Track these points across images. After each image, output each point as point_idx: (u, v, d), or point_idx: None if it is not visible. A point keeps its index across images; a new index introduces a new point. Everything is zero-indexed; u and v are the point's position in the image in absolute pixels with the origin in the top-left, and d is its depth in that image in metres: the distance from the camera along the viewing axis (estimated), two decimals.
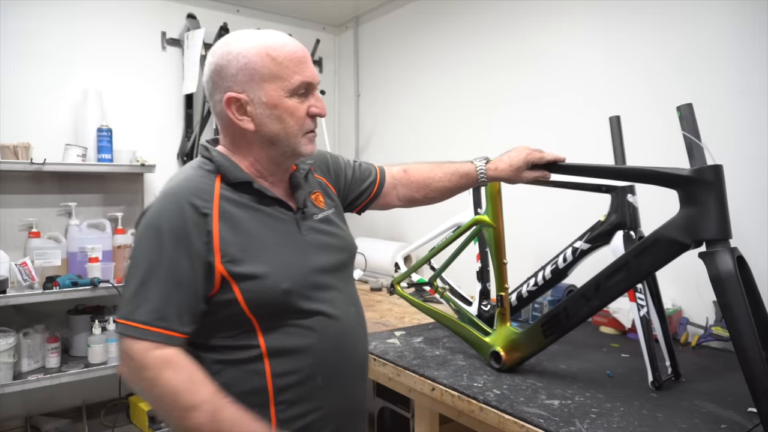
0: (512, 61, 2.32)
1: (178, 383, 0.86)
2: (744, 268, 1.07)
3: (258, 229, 0.97)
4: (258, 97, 0.96)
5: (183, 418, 0.86)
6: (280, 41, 0.98)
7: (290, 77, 0.96)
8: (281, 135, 0.98)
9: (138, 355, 0.87)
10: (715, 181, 1.05)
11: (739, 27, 1.64)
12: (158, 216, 0.92)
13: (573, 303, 1.28)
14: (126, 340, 0.89)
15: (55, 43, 2.53)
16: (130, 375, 0.90)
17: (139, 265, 0.91)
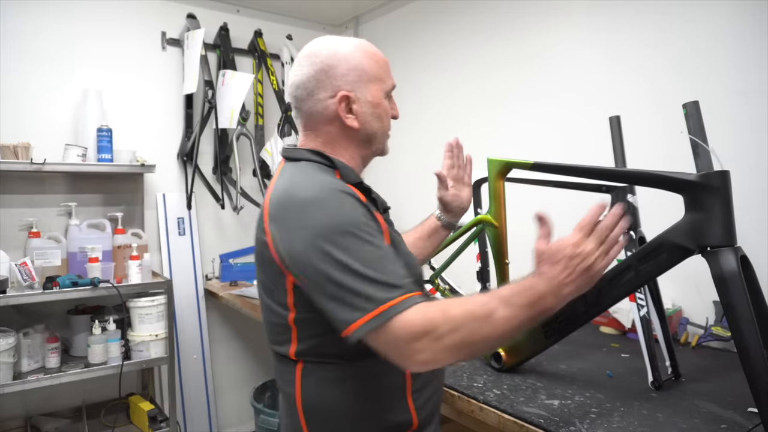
0: (511, 61, 2.32)
1: (460, 305, 0.84)
2: (747, 267, 1.07)
3: (390, 230, 1.02)
4: (364, 96, 1.02)
5: (492, 324, 0.83)
6: (371, 46, 1.07)
7: (386, 80, 1.06)
8: (378, 133, 1.06)
9: (421, 324, 0.81)
10: (722, 186, 1.04)
11: (739, 27, 1.64)
12: (343, 213, 0.88)
13: (574, 305, 1.28)
14: (395, 326, 0.80)
15: (55, 42, 2.53)
16: (435, 353, 0.81)
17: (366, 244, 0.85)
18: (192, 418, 2.83)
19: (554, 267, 0.90)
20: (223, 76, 2.77)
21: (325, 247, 0.84)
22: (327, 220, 0.86)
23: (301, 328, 0.96)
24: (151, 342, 2.33)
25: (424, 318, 0.81)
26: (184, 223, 2.91)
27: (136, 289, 2.33)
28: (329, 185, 0.92)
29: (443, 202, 1.31)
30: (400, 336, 0.81)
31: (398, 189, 2.94)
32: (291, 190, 0.93)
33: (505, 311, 0.84)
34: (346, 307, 0.83)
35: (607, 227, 0.91)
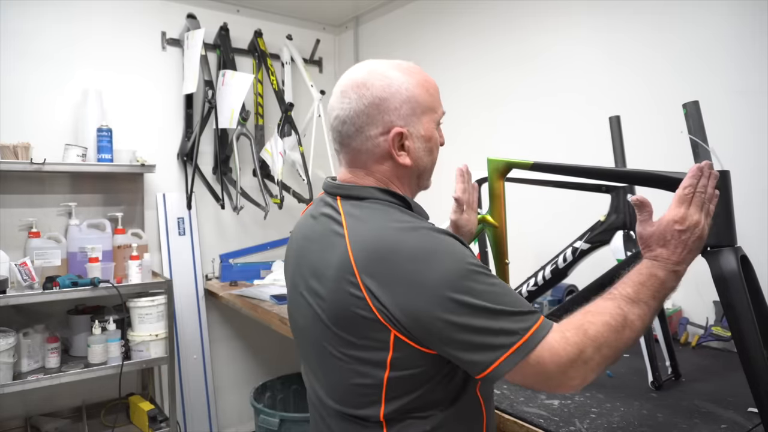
0: (511, 61, 2.33)
1: (594, 316, 0.83)
2: (747, 267, 1.07)
3: None
4: (417, 131, 0.94)
5: (630, 328, 0.83)
6: (421, 73, 0.97)
7: (437, 109, 0.97)
8: (428, 168, 1.00)
9: (565, 349, 0.79)
10: (722, 186, 1.04)
11: (739, 27, 1.64)
12: (457, 261, 0.83)
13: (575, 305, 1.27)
14: (539, 357, 0.78)
15: (55, 42, 2.53)
16: (586, 371, 0.80)
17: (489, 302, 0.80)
18: (192, 418, 2.83)
19: (667, 248, 0.89)
20: (223, 76, 2.77)
21: (453, 296, 0.79)
22: (446, 269, 0.81)
23: (395, 386, 0.87)
24: (151, 342, 2.33)
25: (568, 344, 0.79)
26: (184, 223, 2.91)
27: (136, 289, 2.33)
28: (428, 229, 0.86)
29: (456, 225, 1.27)
30: (549, 367, 0.79)
31: None
32: (389, 241, 0.85)
33: (637, 310, 0.84)
34: (487, 348, 0.79)
35: (703, 190, 0.91)
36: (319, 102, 2.87)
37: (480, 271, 0.82)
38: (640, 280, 0.88)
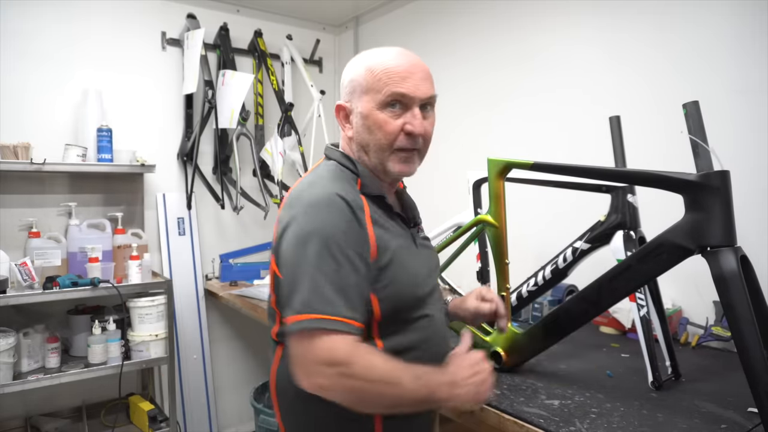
0: (511, 61, 2.33)
1: (384, 363, 0.89)
2: (747, 267, 1.07)
3: (393, 240, 1.02)
4: (356, 108, 1.03)
5: (396, 392, 0.88)
6: (387, 56, 1.03)
7: (381, 90, 0.99)
8: (371, 146, 1.03)
9: (345, 357, 0.86)
10: (722, 186, 1.04)
11: (739, 27, 1.64)
12: (323, 222, 0.93)
13: (575, 305, 1.28)
14: (323, 341, 0.86)
15: (55, 42, 2.53)
16: (335, 382, 0.87)
17: (319, 266, 0.89)
18: (192, 418, 2.83)
19: (459, 368, 0.96)
20: (223, 76, 2.77)
21: (300, 247, 0.92)
22: (311, 225, 0.92)
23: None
24: (151, 342, 2.33)
25: (348, 351, 0.86)
26: (184, 223, 2.91)
27: (136, 289, 2.33)
28: (330, 193, 0.95)
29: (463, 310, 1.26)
30: (317, 353, 0.86)
31: None
32: (305, 190, 1.00)
33: (411, 385, 0.89)
34: (290, 302, 0.90)
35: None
36: (319, 102, 2.87)
37: (330, 250, 0.90)
38: (429, 370, 0.93)
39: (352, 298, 0.90)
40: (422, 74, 1.03)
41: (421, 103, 1.02)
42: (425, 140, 1.05)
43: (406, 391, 0.88)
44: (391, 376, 0.88)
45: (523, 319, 1.96)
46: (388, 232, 1.02)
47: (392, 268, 0.98)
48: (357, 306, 0.91)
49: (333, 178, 1.02)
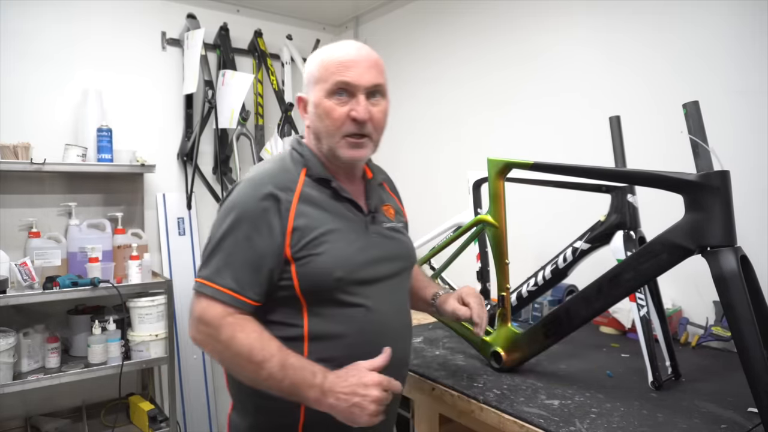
0: (512, 61, 2.32)
1: (252, 341, 0.96)
2: (747, 267, 1.07)
3: (328, 222, 1.05)
4: (311, 98, 1.10)
5: (257, 371, 0.96)
6: (336, 48, 1.09)
7: (328, 79, 1.05)
8: (322, 133, 1.08)
9: (214, 321, 0.98)
10: (722, 186, 1.04)
11: (738, 27, 1.64)
12: (243, 198, 1.03)
13: (574, 305, 1.28)
14: (202, 303, 1.00)
15: (55, 42, 2.53)
16: (204, 339, 1.00)
17: (225, 237, 1.01)
18: (192, 418, 2.83)
19: (341, 380, 0.96)
20: (223, 76, 2.76)
21: (220, 218, 1.04)
22: (235, 200, 1.03)
23: None
24: (151, 342, 2.33)
25: (218, 317, 0.98)
26: (184, 223, 2.91)
27: (136, 289, 2.33)
28: (262, 174, 1.06)
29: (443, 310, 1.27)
30: (199, 313, 1.00)
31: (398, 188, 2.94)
32: (252, 170, 1.11)
33: (275, 371, 0.94)
34: (200, 264, 1.04)
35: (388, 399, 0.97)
36: None
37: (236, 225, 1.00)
38: (305, 366, 0.96)
39: (241, 273, 0.99)
40: (368, 63, 1.07)
41: (366, 90, 1.06)
42: (375, 126, 1.08)
43: (267, 375, 0.95)
44: (252, 354, 0.95)
45: (523, 319, 1.96)
46: (324, 213, 1.06)
47: (314, 247, 1.02)
48: (244, 282, 0.99)
49: (278, 161, 1.11)
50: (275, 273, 1.02)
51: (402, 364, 1.15)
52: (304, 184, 1.07)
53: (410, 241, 1.24)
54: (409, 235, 1.26)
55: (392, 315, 1.12)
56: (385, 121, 1.11)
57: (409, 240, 1.23)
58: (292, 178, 1.07)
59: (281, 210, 1.02)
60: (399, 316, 1.15)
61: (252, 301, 1.01)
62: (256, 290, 1.01)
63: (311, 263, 1.01)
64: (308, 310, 1.03)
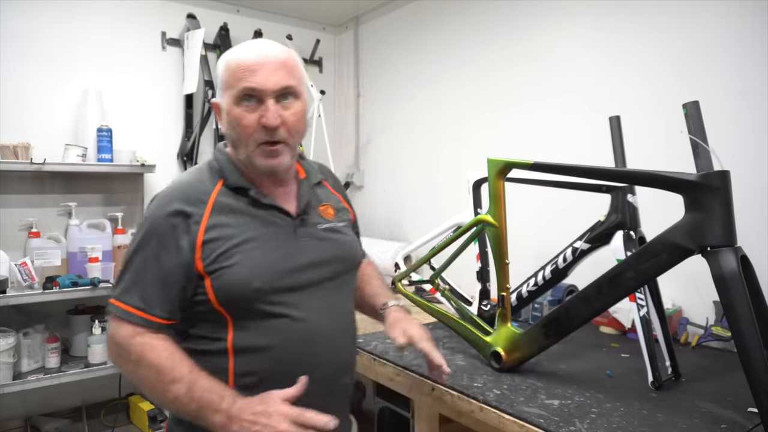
0: (512, 61, 2.33)
1: (162, 361, 0.95)
2: (747, 267, 1.07)
3: (246, 232, 1.01)
4: (222, 104, 1.04)
5: (165, 392, 0.94)
6: (241, 51, 1.02)
7: (235, 85, 0.99)
8: (236, 141, 1.03)
9: (123, 341, 0.97)
10: (722, 186, 1.04)
11: (738, 27, 1.64)
12: (152, 215, 1.02)
13: (575, 305, 1.28)
14: (113, 323, 1.00)
15: (55, 42, 2.53)
16: (117, 360, 1.01)
17: (134, 255, 1.01)
18: None
19: (251, 405, 0.92)
20: None
21: (135, 233, 1.04)
22: (147, 214, 1.03)
23: None
24: None
25: (126, 338, 0.97)
26: None
27: None
28: (172, 188, 1.04)
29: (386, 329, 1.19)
30: (111, 333, 1.00)
31: (398, 189, 2.94)
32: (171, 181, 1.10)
33: (182, 393, 0.93)
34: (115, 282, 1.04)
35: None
36: (319, 102, 2.87)
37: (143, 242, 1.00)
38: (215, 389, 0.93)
39: (149, 292, 0.98)
40: (274, 65, 0.99)
41: (275, 94, 0.99)
42: (289, 131, 1.01)
43: (174, 398, 0.93)
44: (160, 375, 0.94)
45: (523, 319, 1.96)
46: (241, 223, 1.01)
47: (227, 259, 0.98)
48: (152, 300, 0.98)
49: (196, 171, 1.09)
50: (187, 289, 0.99)
51: (340, 373, 1.08)
52: (219, 194, 1.03)
53: (355, 240, 1.19)
54: (354, 233, 1.21)
55: (326, 323, 1.06)
56: (301, 123, 1.04)
57: (352, 239, 1.18)
58: (206, 189, 1.03)
59: (190, 225, 0.99)
60: (335, 323, 1.08)
61: (161, 320, 0.98)
62: (165, 308, 0.98)
63: (225, 275, 0.98)
64: (233, 323, 1.00)
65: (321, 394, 1.03)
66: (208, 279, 0.98)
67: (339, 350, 1.09)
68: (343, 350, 1.11)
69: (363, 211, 3.23)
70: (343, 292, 1.13)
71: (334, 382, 1.06)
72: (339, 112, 3.47)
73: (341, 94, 3.46)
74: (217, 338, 1.01)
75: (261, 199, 1.05)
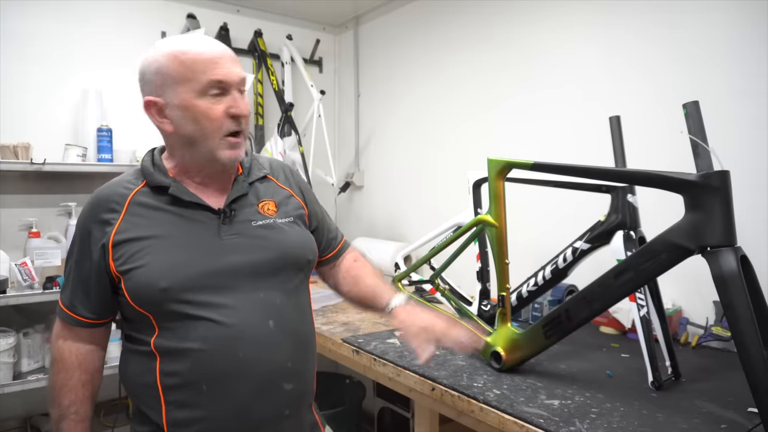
0: (513, 60, 2.32)
1: (55, 379, 1.06)
2: (747, 267, 1.07)
3: (161, 230, 1.01)
4: (171, 100, 0.99)
5: (49, 404, 1.07)
6: (191, 44, 1.00)
7: (198, 78, 0.97)
8: (197, 136, 1.00)
9: (53, 335, 1.09)
10: (722, 186, 1.04)
11: (740, 27, 1.64)
12: (78, 222, 1.07)
13: (575, 305, 1.28)
14: (56, 327, 1.10)
15: (55, 42, 2.53)
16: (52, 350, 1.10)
17: (68, 259, 1.09)
18: None
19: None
20: None
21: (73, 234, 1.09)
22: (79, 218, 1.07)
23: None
24: None
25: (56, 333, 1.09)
26: None
27: None
28: (95, 195, 1.06)
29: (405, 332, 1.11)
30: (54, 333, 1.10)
31: (398, 189, 2.94)
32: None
33: (54, 417, 1.06)
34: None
35: None
36: (319, 102, 2.87)
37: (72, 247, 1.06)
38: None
39: (73, 290, 1.05)
40: (231, 58, 1.03)
41: (237, 87, 1.02)
42: (246, 122, 1.04)
43: (51, 414, 1.07)
44: (51, 389, 1.06)
45: (523, 319, 1.96)
46: (155, 222, 1.01)
47: (137, 260, 0.99)
48: (77, 301, 1.05)
49: (124, 174, 1.09)
50: (107, 293, 1.03)
51: (278, 379, 1.02)
52: (138, 194, 1.03)
53: (301, 235, 1.12)
54: (306, 229, 1.16)
55: (257, 326, 1.00)
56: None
57: (298, 235, 1.12)
58: (125, 192, 1.04)
59: (105, 230, 1.01)
60: (270, 327, 1.02)
61: (86, 319, 1.06)
62: (87, 308, 1.05)
63: (135, 276, 0.98)
64: (157, 324, 0.99)
65: (256, 399, 1.00)
66: (123, 280, 0.99)
67: (274, 355, 1.02)
68: (281, 354, 1.03)
69: (363, 211, 3.24)
70: (285, 292, 1.06)
71: (268, 387, 1.01)
72: (339, 112, 3.47)
73: (341, 94, 3.46)
74: (142, 339, 1.02)
75: (182, 196, 1.03)
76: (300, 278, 1.12)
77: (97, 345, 1.09)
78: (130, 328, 1.06)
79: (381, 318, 1.27)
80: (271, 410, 1.02)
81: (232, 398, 0.98)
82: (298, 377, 1.07)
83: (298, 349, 1.07)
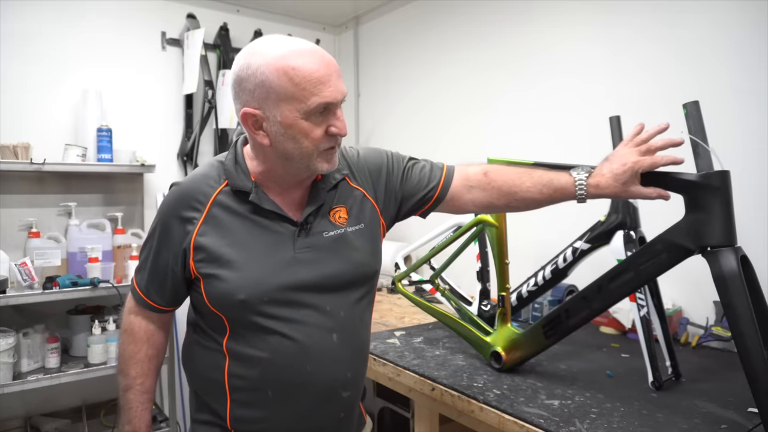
0: (512, 59, 2.33)
1: (125, 349, 1.09)
2: (747, 267, 1.07)
3: (241, 238, 1.01)
4: (273, 116, 0.94)
5: (117, 372, 1.11)
6: (302, 59, 0.93)
7: (307, 99, 0.93)
8: (295, 154, 0.97)
9: (125, 311, 1.11)
10: (722, 186, 1.04)
11: (743, 25, 1.64)
12: (160, 211, 1.06)
13: (574, 305, 1.28)
14: (129, 296, 1.12)
15: (55, 42, 2.53)
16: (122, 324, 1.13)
17: (146, 242, 1.08)
18: None
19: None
20: (223, 76, 2.76)
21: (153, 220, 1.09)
22: (161, 206, 1.07)
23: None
24: None
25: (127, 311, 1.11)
26: None
27: None
28: (180, 187, 1.05)
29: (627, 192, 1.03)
30: (127, 306, 1.12)
31: None
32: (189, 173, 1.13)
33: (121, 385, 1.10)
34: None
35: None
36: None
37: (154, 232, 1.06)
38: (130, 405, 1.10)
39: (150, 278, 1.07)
40: (336, 73, 0.98)
41: (341, 103, 1.01)
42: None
43: (118, 382, 1.10)
44: (120, 359, 1.10)
45: (523, 319, 1.96)
46: (234, 231, 1.00)
47: (216, 267, 0.99)
48: (151, 288, 1.07)
49: (207, 167, 1.08)
50: (182, 287, 1.06)
51: (338, 388, 1.05)
52: (219, 195, 1.02)
53: (367, 247, 1.10)
54: (370, 237, 1.11)
55: (322, 342, 1.02)
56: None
57: (365, 248, 1.09)
58: (208, 191, 1.02)
59: (186, 229, 1.01)
60: (334, 341, 1.03)
61: (158, 306, 1.07)
62: (161, 297, 1.07)
63: (214, 283, 0.99)
64: (230, 327, 1.02)
65: (317, 406, 1.04)
66: (202, 282, 1.01)
67: (336, 367, 1.04)
68: (342, 365, 1.05)
69: None
70: (349, 304, 1.07)
71: (330, 396, 1.05)
72: None
73: None
74: (215, 338, 1.04)
75: (262, 204, 1.01)
76: (366, 289, 1.12)
77: (164, 325, 1.13)
78: (201, 321, 1.07)
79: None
80: (329, 415, 1.07)
81: (295, 404, 1.03)
82: (355, 385, 1.11)
83: (357, 359, 1.10)
